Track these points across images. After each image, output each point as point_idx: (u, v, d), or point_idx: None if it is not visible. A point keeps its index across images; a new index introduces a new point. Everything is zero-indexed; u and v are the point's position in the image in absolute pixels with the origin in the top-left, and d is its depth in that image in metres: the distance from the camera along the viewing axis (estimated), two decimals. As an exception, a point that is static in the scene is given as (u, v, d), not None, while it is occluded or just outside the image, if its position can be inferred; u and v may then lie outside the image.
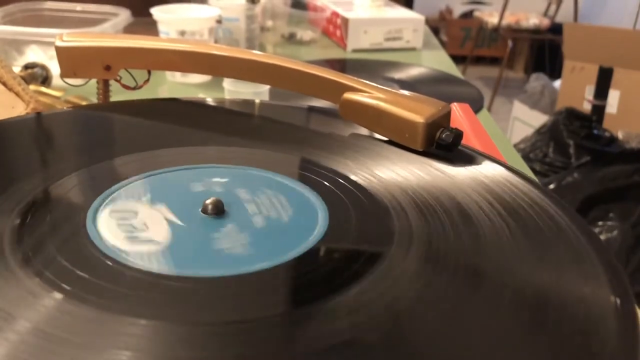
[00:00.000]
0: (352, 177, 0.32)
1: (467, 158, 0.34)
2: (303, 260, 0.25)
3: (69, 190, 0.29)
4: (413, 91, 0.38)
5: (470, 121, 0.46)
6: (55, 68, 0.69)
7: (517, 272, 0.24)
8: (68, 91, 0.62)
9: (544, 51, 3.15)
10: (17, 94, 0.45)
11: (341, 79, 0.38)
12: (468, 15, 3.43)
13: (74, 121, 0.38)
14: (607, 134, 1.52)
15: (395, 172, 0.32)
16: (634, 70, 1.81)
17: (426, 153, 0.34)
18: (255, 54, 0.40)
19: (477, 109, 0.75)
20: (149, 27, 0.82)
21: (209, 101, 0.42)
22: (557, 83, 2.09)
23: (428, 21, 1.23)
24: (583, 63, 1.91)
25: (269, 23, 1.08)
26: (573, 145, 1.49)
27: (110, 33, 0.79)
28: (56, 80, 0.70)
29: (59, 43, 0.41)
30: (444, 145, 0.34)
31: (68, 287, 0.22)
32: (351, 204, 0.29)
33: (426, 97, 0.36)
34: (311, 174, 0.32)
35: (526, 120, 2.11)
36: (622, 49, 1.88)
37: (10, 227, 0.26)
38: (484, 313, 0.22)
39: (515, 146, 1.62)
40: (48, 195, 0.29)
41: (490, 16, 3.02)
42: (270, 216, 0.28)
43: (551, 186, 1.37)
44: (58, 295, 0.22)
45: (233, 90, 0.66)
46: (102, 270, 0.23)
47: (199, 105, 0.42)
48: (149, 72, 0.43)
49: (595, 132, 1.52)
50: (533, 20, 2.98)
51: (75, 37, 0.41)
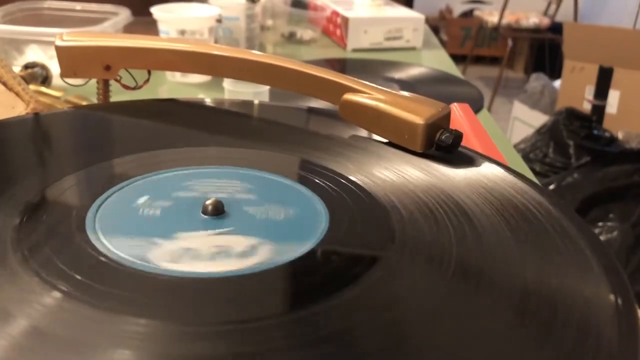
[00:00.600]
0: (352, 178, 0.32)
1: (467, 159, 0.34)
2: (303, 261, 0.25)
3: (69, 190, 0.29)
4: (413, 91, 0.38)
5: (470, 121, 0.46)
6: (55, 68, 0.69)
7: (517, 273, 0.24)
8: (68, 91, 0.62)
9: (544, 51, 3.15)
10: (17, 94, 0.45)
11: (341, 80, 0.38)
12: (468, 14, 3.43)
13: (74, 121, 0.38)
14: (607, 134, 1.52)
15: (395, 173, 0.32)
16: (634, 70, 1.81)
17: (426, 154, 0.34)
18: (255, 54, 0.40)
19: (477, 109, 0.75)
20: (149, 27, 0.82)
21: (209, 102, 0.42)
22: (557, 83, 2.09)
23: (428, 20, 1.23)
24: (583, 63, 1.91)
25: (269, 22, 1.08)
26: (573, 145, 1.49)
27: (110, 32, 0.79)
28: (56, 80, 0.70)
29: (59, 42, 0.41)
30: (444, 146, 0.34)
31: (67, 287, 0.22)
32: (351, 205, 0.29)
33: (426, 98, 0.36)
34: (311, 175, 0.32)
35: (526, 120, 2.11)
36: (622, 49, 1.89)
37: (10, 227, 0.26)
38: (484, 314, 0.22)
39: (515, 146, 1.62)
40: (48, 195, 0.29)
41: (490, 15, 3.02)
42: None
43: (551, 187, 1.37)
44: (57, 294, 0.22)
45: (233, 90, 0.66)
46: (101, 270, 0.23)
47: (199, 106, 0.42)
48: (149, 72, 0.43)
49: (595, 132, 1.52)
50: (533, 19, 2.98)
51: (75, 37, 0.41)
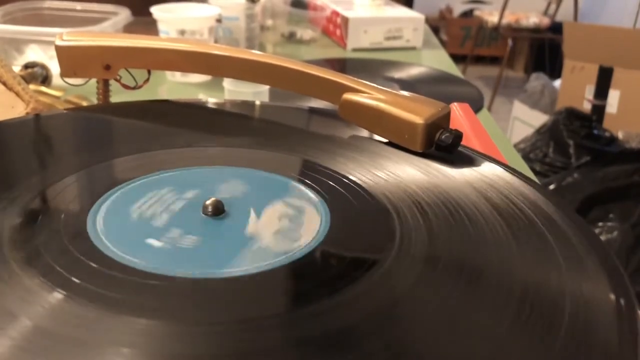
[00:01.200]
0: (352, 178, 0.32)
1: (467, 159, 0.34)
2: (303, 261, 0.25)
3: (69, 191, 0.29)
4: (413, 91, 0.38)
5: (470, 121, 0.45)
6: (55, 67, 0.69)
7: (518, 273, 0.24)
8: (68, 91, 0.62)
9: (544, 50, 3.15)
10: (17, 94, 0.45)
11: (341, 80, 0.38)
12: (468, 14, 3.43)
13: (74, 122, 0.38)
14: (607, 134, 1.52)
15: (395, 173, 0.32)
16: (634, 70, 1.81)
17: (426, 154, 0.34)
18: (254, 54, 0.40)
19: (477, 109, 0.75)
20: (149, 27, 0.82)
21: (209, 102, 0.42)
22: (557, 83, 2.09)
23: (428, 20, 1.23)
24: (583, 63, 1.91)
25: (269, 22, 1.08)
26: (573, 145, 1.49)
27: (110, 32, 0.79)
28: (56, 79, 0.70)
29: (59, 42, 0.41)
30: (444, 146, 0.34)
31: (68, 287, 0.22)
32: (351, 205, 0.29)
33: (426, 98, 0.36)
34: (311, 175, 0.32)
35: (526, 120, 2.11)
36: (622, 49, 1.88)
37: (10, 228, 0.26)
38: (484, 313, 0.22)
39: (515, 146, 1.62)
40: (48, 196, 0.29)
41: (490, 15, 3.02)
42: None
43: (551, 186, 1.37)
44: (58, 295, 0.22)
45: (233, 90, 0.66)
46: (102, 270, 0.23)
47: (198, 106, 0.42)
48: (149, 72, 0.43)
49: (595, 132, 1.52)
50: (533, 19, 2.98)
51: (75, 37, 0.41)
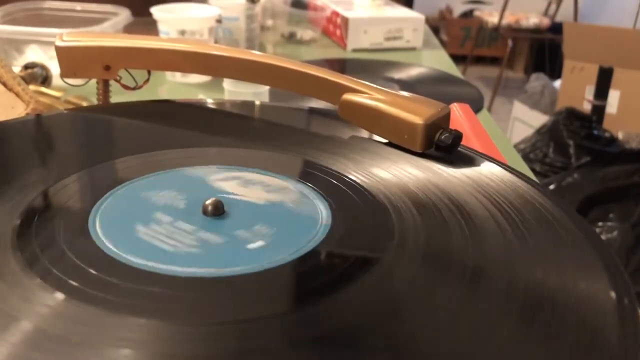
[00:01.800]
0: (353, 178, 0.32)
1: (467, 159, 0.34)
2: (305, 260, 0.25)
3: (70, 191, 0.29)
4: (413, 91, 0.38)
5: (470, 121, 0.46)
6: (55, 68, 0.69)
7: (518, 273, 0.24)
8: (68, 91, 0.62)
9: (544, 51, 3.15)
10: (17, 94, 0.45)
11: (340, 80, 0.38)
12: (468, 14, 3.43)
13: (74, 123, 0.38)
14: (607, 134, 1.52)
15: (395, 173, 0.32)
16: (634, 70, 1.81)
17: (426, 154, 0.34)
18: (254, 55, 0.40)
19: (477, 109, 0.75)
20: (149, 27, 0.82)
21: (209, 102, 0.42)
22: (557, 83, 2.09)
23: (428, 21, 1.23)
24: (583, 63, 1.91)
25: (269, 22, 1.08)
26: (573, 145, 1.49)
27: (110, 33, 0.79)
28: (56, 80, 0.70)
29: (59, 43, 0.41)
30: (443, 146, 0.34)
31: (69, 288, 0.22)
32: (352, 205, 0.29)
33: (425, 98, 0.36)
34: (311, 175, 0.32)
35: (526, 120, 2.10)
36: (622, 49, 1.88)
37: (11, 228, 0.26)
38: (484, 313, 0.22)
39: (515, 146, 1.62)
40: (49, 196, 0.29)
41: (490, 16, 3.02)
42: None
43: (551, 187, 1.37)
44: (59, 295, 0.22)
45: (233, 90, 0.66)
46: (103, 270, 0.23)
47: (199, 106, 0.42)
48: (149, 72, 0.43)
49: (595, 132, 1.52)
50: (533, 19, 2.98)
51: (75, 37, 0.41)
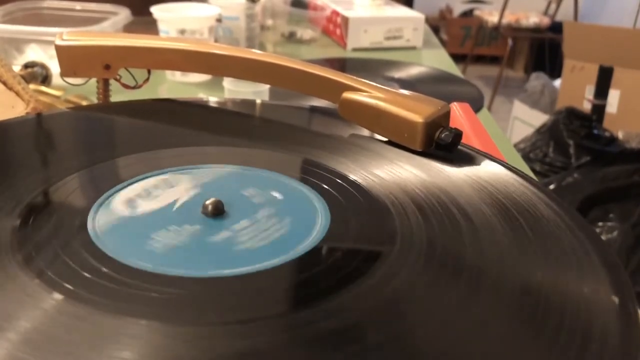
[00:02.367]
0: (353, 177, 0.31)
1: (467, 157, 0.34)
2: (304, 260, 0.25)
3: (69, 191, 0.29)
4: (413, 90, 0.38)
5: (470, 120, 0.45)
6: (55, 67, 0.69)
7: (518, 272, 0.24)
8: (68, 90, 0.62)
9: (544, 50, 3.15)
10: (17, 93, 0.45)
11: (340, 78, 0.38)
12: (468, 14, 3.43)
13: (74, 122, 0.38)
14: (607, 134, 1.52)
15: (395, 172, 0.32)
16: (634, 69, 1.81)
17: (426, 153, 0.34)
18: (254, 53, 0.40)
19: (477, 109, 0.75)
20: (149, 26, 0.82)
21: (209, 101, 0.42)
22: (557, 82, 2.09)
23: (428, 20, 1.23)
24: (583, 62, 1.91)
25: (269, 22, 1.08)
26: (573, 145, 1.49)
27: (110, 32, 0.79)
28: (56, 79, 0.70)
29: (59, 42, 0.41)
30: (443, 145, 0.34)
31: (68, 288, 0.22)
32: (352, 204, 0.29)
33: (425, 97, 0.36)
34: (311, 174, 0.32)
35: (526, 119, 2.10)
36: (622, 49, 1.88)
37: (10, 228, 0.26)
38: (484, 313, 0.22)
39: (515, 146, 1.62)
40: (48, 196, 0.29)
41: (490, 15, 3.01)
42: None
43: (551, 186, 1.37)
44: (58, 296, 0.22)
45: (233, 89, 0.66)
46: (102, 270, 0.23)
47: (199, 105, 0.42)
48: (149, 72, 0.43)
49: (595, 132, 1.52)
50: (533, 19, 2.97)
51: (75, 36, 0.41)
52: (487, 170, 0.33)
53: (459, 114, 0.46)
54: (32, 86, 0.64)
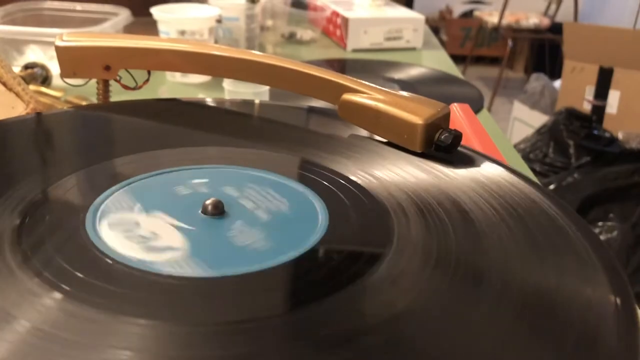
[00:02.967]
0: (352, 178, 0.32)
1: (467, 158, 0.34)
2: (303, 260, 0.25)
3: (69, 190, 0.29)
4: (413, 91, 0.38)
5: (470, 121, 0.46)
6: (55, 68, 0.69)
7: (517, 273, 0.24)
8: (68, 91, 0.62)
9: (544, 51, 3.15)
10: (17, 94, 0.45)
11: (340, 80, 0.38)
12: (468, 14, 3.43)
13: (74, 121, 0.38)
14: (607, 134, 1.52)
15: (394, 173, 0.32)
16: (634, 70, 1.81)
17: (425, 154, 0.34)
18: (254, 55, 0.40)
19: (477, 109, 0.75)
20: (149, 27, 0.82)
21: (209, 102, 0.42)
22: (557, 83, 2.09)
23: (428, 21, 1.24)
24: (583, 63, 1.91)
25: (269, 22, 1.08)
26: (573, 145, 1.49)
27: (110, 33, 0.79)
28: (56, 80, 0.70)
29: (59, 43, 0.41)
30: (443, 146, 0.34)
31: (68, 287, 0.22)
32: (351, 205, 0.29)
33: (425, 98, 0.36)
34: (311, 175, 0.32)
35: (526, 120, 2.11)
36: (622, 49, 1.88)
37: (10, 227, 0.26)
38: (484, 313, 0.22)
39: (515, 146, 1.62)
40: (48, 195, 0.29)
41: (490, 16, 3.02)
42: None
43: (551, 186, 1.37)
44: (58, 295, 0.22)
45: (233, 90, 0.66)
46: (102, 270, 0.23)
47: (199, 105, 0.42)
48: (149, 72, 0.43)
49: (595, 132, 1.52)
50: (533, 19, 2.98)
51: (75, 37, 0.41)
52: (487, 171, 0.33)
53: (459, 115, 0.46)
54: (32, 87, 0.64)
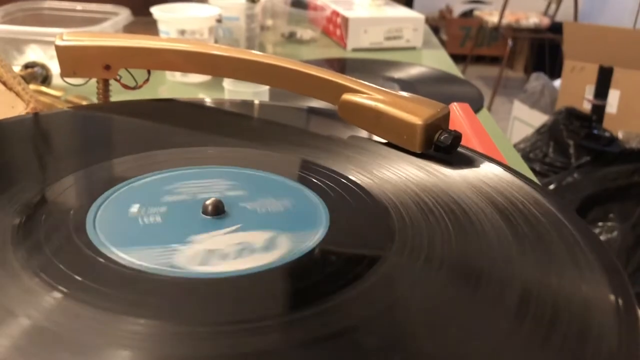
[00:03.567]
0: (352, 178, 0.32)
1: (466, 159, 0.34)
2: (304, 260, 0.25)
3: (69, 190, 0.29)
4: (413, 91, 0.38)
5: (470, 121, 0.46)
6: (55, 67, 0.69)
7: (517, 273, 0.24)
8: (68, 91, 0.62)
9: (544, 50, 3.15)
10: (17, 94, 0.45)
11: (340, 80, 0.38)
12: (468, 14, 3.43)
13: (74, 121, 0.38)
14: (607, 134, 1.52)
15: (394, 173, 0.32)
16: (634, 70, 1.81)
17: (425, 155, 0.34)
18: (254, 54, 0.40)
19: (477, 109, 0.75)
20: (149, 27, 0.82)
21: (209, 102, 0.42)
22: (557, 83, 2.09)
23: (428, 20, 1.23)
24: (583, 63, 1.90)
25: (269, 22, 1.08)
26: (573, 145, 1.49)
27: (110, 32, 0.79)
28: (56, 79, 0.70)
29: (59, 42, 0.41)
30: (442, 147, 0.34)
31: (67, 287, 0.22)
32: (351, 205, 0.29)
33: (425, 99, 0.36)
34: (311, 175, 0.32)
35: (526, 120, 2.10)
36: (622, 49, 1.88)
37: (10, 227, 0.26)
38: (484, 313, 0.22)
39: (515, 146, 1.62)
40: (48, 195, 0.29)
41: (490, 15, 3.01)
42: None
43: (551, 186, 1.37)
44: (57, 294, 0.22)
45: (233, 90, 0.66)
46: (101, 270, 0.23)
47: (198, 106, 0.42)
48: (149, 72, 0.43)
49: (595, 132, 1.52)
50: (533, 19, 2.97)
51: (75, 37, 0.41)
52: (486, 171, 0.33)
53: (459, 115, 0.46)
54: (32, 86, 0.64)
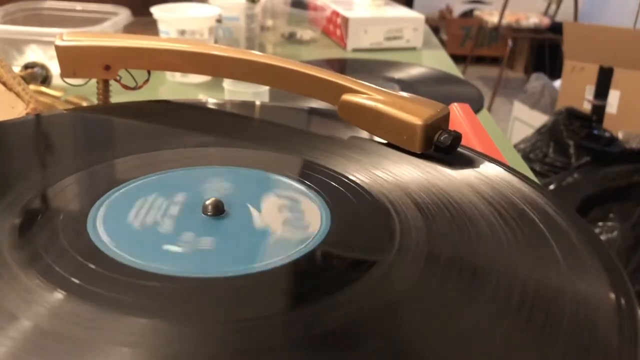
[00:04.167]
0: (352, 178, 0.32)
1: (467, 159, 0.34)
2: (304, 260, 0.25)
3: (69, 191, 0.29)
4: (413, 91, 0.38)
5: (470, 121, 0.46)
6: (55, 68, 0.69)
7: (517, 273, 0.24)
8: (68, 91, 0.62)
9: (544, 51, 3.15)
10: (17, 94, 0.45)
11: (340, 80, 0.38)
12: (468, 14, 3.43)
13: (74, 123, 0.38)
14: (607, 134, 1.52)
15: (395, 174, 0.32)
16: (634, 70, 1.81)
17: (425, 155, 0.34)
18: (254, 55, 0.40)
19: (477, 109, 0.75)
20: (149, 27, 0.82)
21: (209, 103, 0.42)
22: (557, 83, 2.09)
23: (428, 20, 1.23)
24: (583, 63, 1.91)
25: (269, 22, 1.08)
26: (573, 145, 1.49)
27: (110, 32, 0.79)
28: (56, 80, 0.70)
29: (59, 42, 0.41)
30: (442, 147, 0.34)
31: (68, 287, 0.22)
32: (352, 205, 0.29)
33: (425, 99, 0.36)
34: (311, 175, 0.32)
35: (526, 120, 2.11)
36: (622, 49, 1.88)
37: (10, 227, 0.26)
38: (484, 313, 0.22)
39: (515, 146, 1.62)
40: (48, 196, 0.29)
41: (490, 15, 3.02)
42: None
43: (551, 186, 1.37)
44: (58, 295, 0.22)
45: (233, 90, 0.66)
46: (102, 270, 0.23)
47: (199, 106, 0.42)
48: (149, 72, 0.43)
49: (595, 132, 1.52)
50: (533, 19, 2.98)
51: (75, 37, 0.41)
52: (486, 171, 0.33)
53: (459, 115, 0.46)
54: (32, 87, 0.64)
